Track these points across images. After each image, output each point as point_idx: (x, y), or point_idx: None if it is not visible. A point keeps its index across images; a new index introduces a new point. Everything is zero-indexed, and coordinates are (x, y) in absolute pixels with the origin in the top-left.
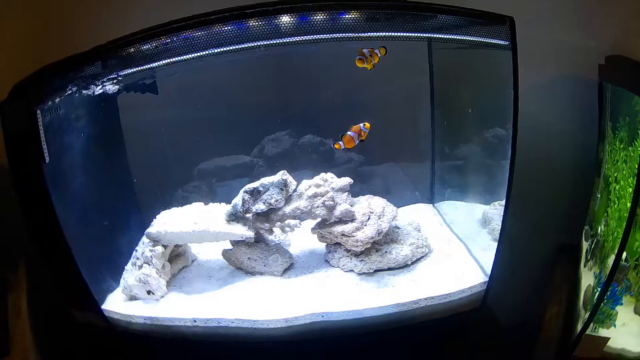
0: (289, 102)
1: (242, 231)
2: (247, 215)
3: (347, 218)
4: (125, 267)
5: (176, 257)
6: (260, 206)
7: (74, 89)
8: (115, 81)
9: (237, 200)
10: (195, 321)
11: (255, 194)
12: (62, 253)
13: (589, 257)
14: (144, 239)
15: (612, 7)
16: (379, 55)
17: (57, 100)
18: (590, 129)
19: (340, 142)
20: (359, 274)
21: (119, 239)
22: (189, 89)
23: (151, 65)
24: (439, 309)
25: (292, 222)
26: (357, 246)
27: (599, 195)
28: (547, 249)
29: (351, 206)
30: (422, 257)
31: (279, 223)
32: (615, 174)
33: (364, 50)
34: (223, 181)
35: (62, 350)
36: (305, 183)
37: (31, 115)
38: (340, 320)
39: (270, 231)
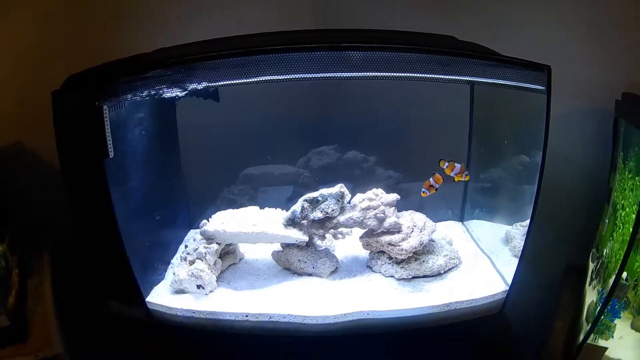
0: (338, 120)
1: (298, 235)
2: (304, 221)
3: (395, 229)
4: (172, 260)
5: (225, 254)
6: (317, 214)
7: (141, 90)
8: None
9: (297, 207)
10: (247, 316)
11: (314, 202)
12: (113, 246)
13: (593, 277)
14: (195, 235)
15: (631, 46)
16: (463, 179)
17: (123, 97)
18: (604, 161)
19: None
20: (398, 280)
21: (167, 234)
22: (245, 98)
23: (220, 83)
24: (466, 312)
25: (344, 230)
26: (401, 254)
27: (607, 221)
28: (559, 268)
29: (398, 219)
30: (453, 267)
31: (332, 230)
32: (622, 202)
33: (456, 164)
34: (267, 187)
35: (92, 340)
36: (359, 196)
37: (99, 110)
38: (382, 318)
39: (323, 237)
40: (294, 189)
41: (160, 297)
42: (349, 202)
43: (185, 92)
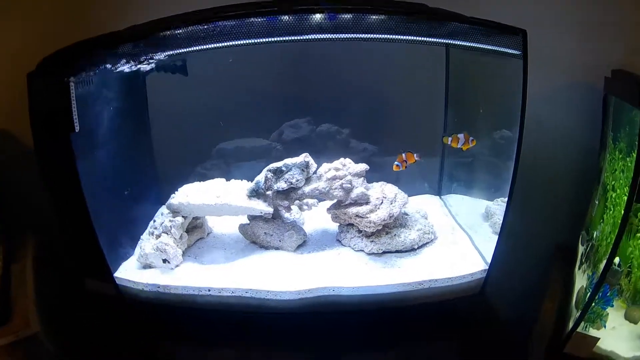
0: (310, 92)
1: (262, 207)
2: (268, 192)
3: (362, 201)
4: (142, 236)
5: (193, 229)
6: (281, 184)
7: (107, 65)
8: (148, 62)
9: (260, 177)
10: (209, 290)
11: (278, 172)
12: (81, 220)
13: (583, 260)
14: (164, 209)
15: (621, 24)
16: (470, 145)
17: (89, 74)
18: (594, 137)
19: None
20: (369, 254)
21: (137, 210)
22: (215, 72)
23: (186, 49)
24: (441, 292)
25: (310, 201)
26: (369, 227)
27: (597, 202)
28: (545, 248)
29: (366, 190)
30: (427, 242)
31: (297, 201)
32: (612, 183)
33: (459, 135)
34: (240, 162)
35: (66, 318)
36: (325, 166)
37: (64, 86)
38: (349, 295)
39: (289, 208)
40: (266, 163)
41: (128, 272)
42: (314, 172)
43: (152, 66)
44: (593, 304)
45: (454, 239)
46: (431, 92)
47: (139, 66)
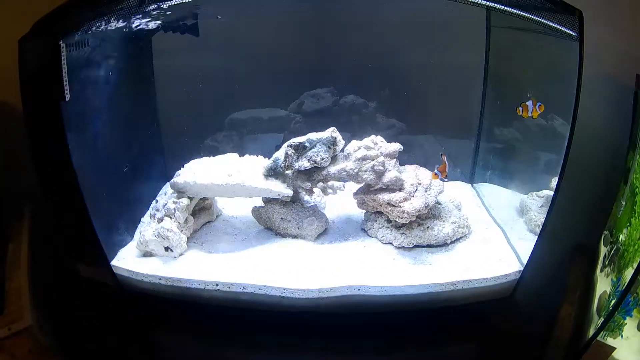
0: (334, 59)
1: (281, 188)
2: (288, 172)
3: (395, 186)
4: (142, 219)
5: (200, 210)
6: (304, 163)
7: (105, 22)
8: (152, 16)
9: (279, 154)
10: (217, 285)
11: (300, 149)
12: (73, 200)
13: (606, 263)
14: (167, 189)
15: None
16: (539, 111)
17: (85, 34)
18: (622, 135)
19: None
20: (397, 248)
21: (138, 188)
22: (231, 35)
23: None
24: (472, 294)
25: (335, 184)
26: (402, 218)
27: (624, 203)
28: (569, 247)
29: (400, 174)
30: (461, 237)
31: (321, 184)
32: None
33: (528, 103)
34: (256, 134)
35: (63, 308)
36: (354, 144)
37: (54, 48)
38: (376, 295)
39: (311, 191)
40: (284, 135)
41: (126, 260)
42: (341, 151)
43: (157, 25)
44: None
45: (487, 234)
46: (469, 70)
47: (142, 23)
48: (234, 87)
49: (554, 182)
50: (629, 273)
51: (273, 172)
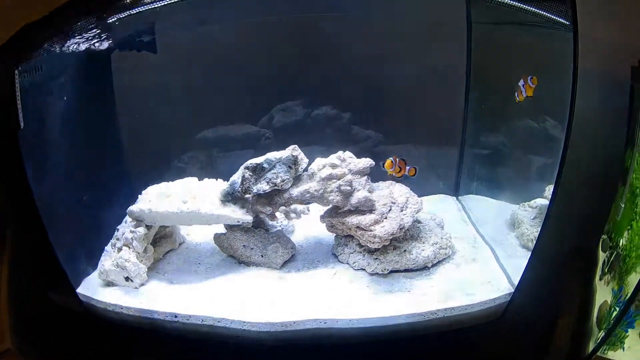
0: (305, 69)
1: (239, 215)
2: (247, 195)
3: (365, 208)
4: (105, 247)
5: (162, 238)
6: (263, 186)
7: (59, 45)
8: (107, 35)
9: (236, 177)
10: (175, 316)
11: (258, 171)
12: (34, 228)
13: (606, 270)
14: (127, 217)
15: None
16: (532, 85)
17: (39, 58)
18: (618, 131)
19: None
20: (371, 275)
21: (103, 215)
22: (194, 50)
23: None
24: (457, 320)
25: (299, 207)
26: (373, 242)
27: (623, 205)
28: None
29: (370, 193)
30: (444, 259)
31: (283, 207)
32: None
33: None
34: (225, 152)
35: (37, 333)
36: (318, 162)
37: (9, 76)
38: (344, 328)
39: (273, 216)
40: (254, 153)
41: (90, 289)
42: (305, 170)
43: (110, 44)
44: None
45: (474, 253)
46: (449, 72)
47: (96, 43)
48: (200, 105)
49: (549, 190)
50: (631, 279)
51: (231, 197)
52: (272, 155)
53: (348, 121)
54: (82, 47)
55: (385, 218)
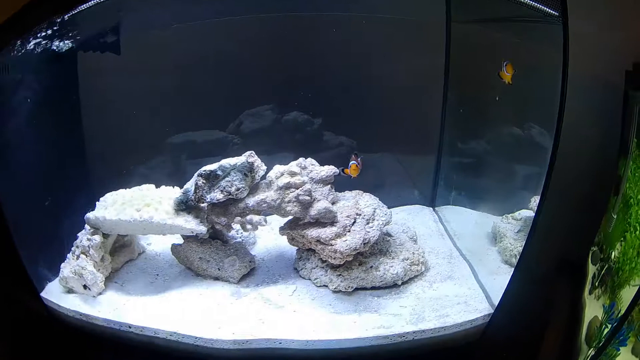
0: (275, 72)
1: (192, 225)
2: (203, 205)
3: (326, 220)
4: (68, 254)
5: (121, 248)
6: (216, 195)
7: (19, 46)
8: (68, 36)
9: (190, 185)
10: (130, 327)
11: (212, 178)
12: None
13: (596, 284)
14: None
15: None
16: (508, 74)
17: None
18: (610, 139)
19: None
20: (335, 292)
21: (66, 220)
22: (160, 49)
23: None
24: (430, 343)
25: (255, 218)
26: (334, 258)
27: (614, 216)
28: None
29: (333, 204)
30: (416, 275)
31: (238, 218)
32: (638, 196)
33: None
34: (192, 159)
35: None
36: (277, 169)
37: None
38: (302, 349)
39: (228, 227)
40: (222, 159)
41: (52, 294)
42: (263, 178)
43: (71, 44)
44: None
45: (450, 270)
46: (426, 74)
47: (59, 43)
48: (168, 109)
49: (534, 201)
50: (624, 293)
51: (184, 206)
52: (227, 161)
53: (319, 127)
54: (45, 47)
55: (348, 231)
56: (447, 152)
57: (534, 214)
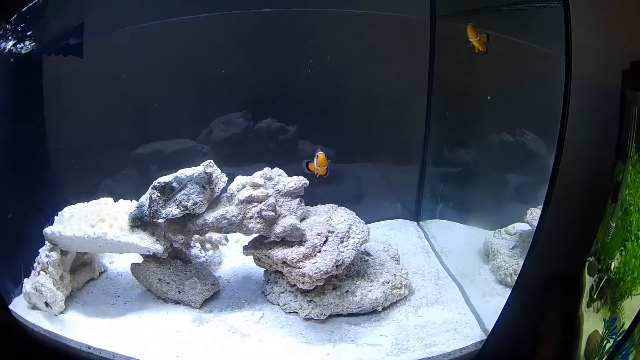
0: (247, 76)
1: (147, 244)
2: (160, 220)
3: (293, 238)
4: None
5: (81, 266)
6: (172, 210)
7: None
8: (31, 37)
9: (144, 199)
10: (89, 348)
11: (167, 191)
12: None
13: (594, 297)
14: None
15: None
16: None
17: None
18: (606, 142)
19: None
20: (306, 320)
21: (31, 234)
22: (128, 56)
23: None
24: None
25: (215, 236)
26: (303, 283)
27: (613, 225)
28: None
29: (302, 220)
30: (399, 300)
31: (197, 236)
32: (638, 203)
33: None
34: (160, 170)
35: None
36: (238, 180)
37: None
38: None
39: (187, 246)
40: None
41: (18, 307)
42: (224, 190)
43: (30, 47)
44: None
45: (437, 293)
46: (409, 77)
47: (21, 47)
48: (136, 118)
49: (530, 213)
50: (626, 305)
51: (140, 222)
52: (183, 172)
53: (294, 135)
54: (7, 52)
55: (319, 252)
56: (433, 162)
57: (531, 228)
